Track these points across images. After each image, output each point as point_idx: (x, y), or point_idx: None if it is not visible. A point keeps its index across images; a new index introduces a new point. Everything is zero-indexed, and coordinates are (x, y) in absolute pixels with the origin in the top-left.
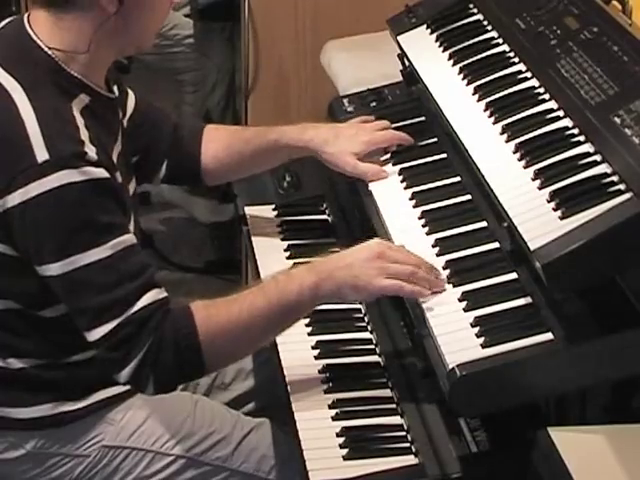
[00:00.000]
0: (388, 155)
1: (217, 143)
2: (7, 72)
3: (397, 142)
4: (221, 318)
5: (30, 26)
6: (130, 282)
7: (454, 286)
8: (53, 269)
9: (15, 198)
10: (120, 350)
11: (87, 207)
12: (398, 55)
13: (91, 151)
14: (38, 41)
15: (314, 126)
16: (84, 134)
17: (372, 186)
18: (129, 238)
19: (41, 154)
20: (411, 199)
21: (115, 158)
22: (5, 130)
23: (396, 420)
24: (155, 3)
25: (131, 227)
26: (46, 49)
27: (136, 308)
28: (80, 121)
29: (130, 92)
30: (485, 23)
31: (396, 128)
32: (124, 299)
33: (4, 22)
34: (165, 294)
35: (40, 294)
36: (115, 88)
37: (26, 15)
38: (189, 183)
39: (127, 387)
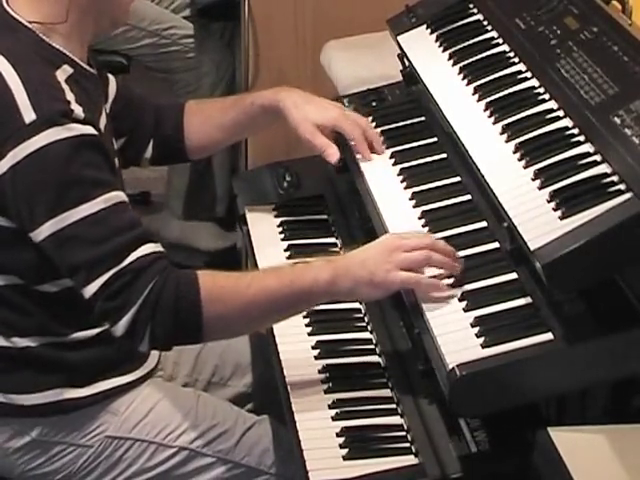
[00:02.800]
0: (389, 155)
1: (198, 116)
2: None
3: (358, 149)
4: (228, 286)
5: (8, 4)
6: (122, 235)
7: (454, 286)
8: (45, 229)
9: (6, 163)
10: (116, 300)
11: (75, 163)
12: (398, 55)
13: (77, 109)
14: (17, 17)
15: (288, 89)
16: (70, 96)
17: (372, 186)
18: (119, 195)
19: (28, 115)
20: (411, 199)
21: (102, 128)
22: None
23: (396, 420)
24: None
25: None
26: (26, 23)
27: (131, 259)
28: (65, 86)
29: (111, 77)
30: (485, 23)
31: (396, 128)
32: (117, 251)
33: None
34: (161, 248)
35: (38, 268)
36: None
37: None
38: (175, 160)
39: (132, 378)
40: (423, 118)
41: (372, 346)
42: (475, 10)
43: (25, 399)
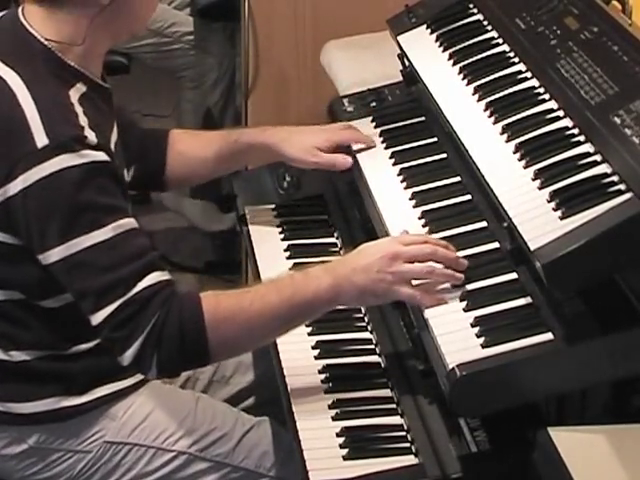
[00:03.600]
0: (389, 155)
1: (182, 148)
2: (5, 64)
3: (357, 141)
4: (230, 307)
5: (25, 18)
6: (131, 263)
7: (454, 286)
8: (55, 253)
9: (17, 185)
10: (123, 330)
11: (88, 189)
12: (398, 55)
13: (90, 135)
14: (34, 32)
15: (273, 128)
16: (83, 120)
17: (372, 186)
18: (130, 221)
19: (40, 140)
20: (411, 199)
21: (113, 146)
22: (5, 120)
23: (396, 420)
24: None
25: (130, 209)
26: (42, 40)
27: (138, 288)
28: (79, 108)
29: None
30: (485, 23)
31: (396, 128)
32: (126, 280)
33: None
34: (169, 277)
35: (42, 284)
36: None
37: (20, 8)
38: (153, 189)
39: (129, 383)
40: (423, 118)
41: (372, 346)
42: (475, 10)
43: (22, 407)
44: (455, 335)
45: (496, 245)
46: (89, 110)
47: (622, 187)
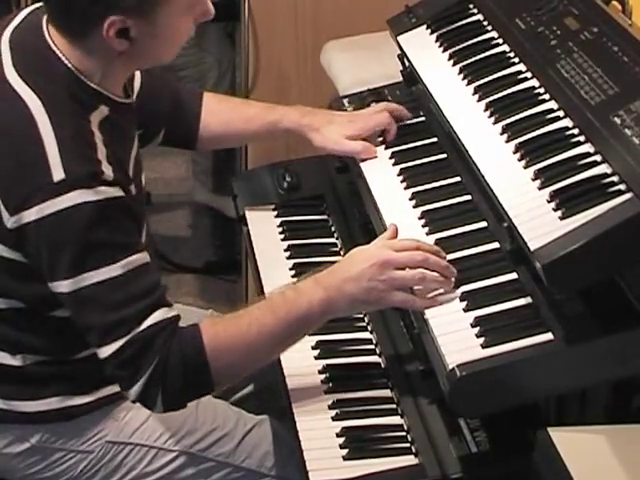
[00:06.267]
0: (389, 155)
1: (218, 117)
2: (25, 83)
3: (390, 124)
4: (230, 335)
5: (50, 35)
6: (138, 301)
7: (454, 286)
8: (64, 286)
9: (31, 215)
10: (127, 368)
11: (100, 226)
12: (398, 55)
13: (107, 169)
14: (58, 52)
15: (311, 111)
16: (102, 152)
17: (372, 186)
18: (141, 257)
19: (57, 173)
20: (411, 199)
21: (132, 165)
22: (24, 148)
23: (396, 420)
24: (169, 34)
25: (143, 237)
26: (65, 61)
27: (143, 327)
28: (99, 137)
29: (136, 72)
30: (485, 23)
31: (396, 128)
32: (132, 318)
33: (22, 15)
34: (174, 313)
35: (50, 299)
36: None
37: (44, 21)
38: (182, 147)
39: None
40: (423, 118)
41: (372, 346)
42: (475, 10)
43: (26, 406)
44: (455, 335)
45: (496, 245)
46: (109, 136)
47: (622, 187)
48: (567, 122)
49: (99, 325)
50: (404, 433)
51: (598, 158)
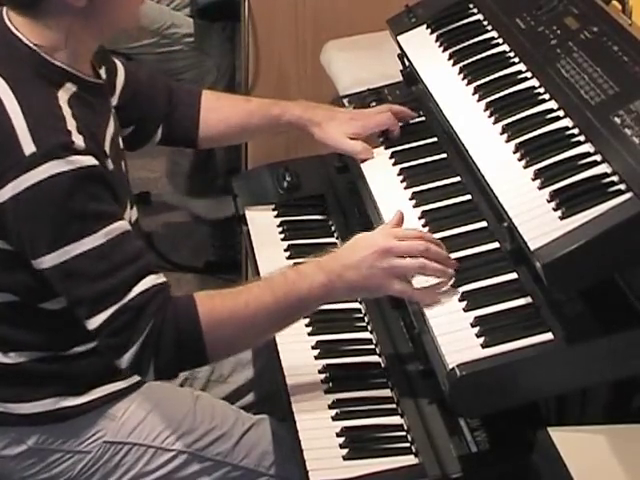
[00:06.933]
0: (389, 155)
1: (218, 113)
2: None
3: (393, 125)
4: (225, 308)
5: (10, 21)
6: (124, 269)
7: (454, 286)
8: (47, 261)
9: (7, 192)
10: (120, 336)
11: (77, 196)
12: (398, 55)
13: (78, 140)
14: (19, 34)
15: (313, 106)
16: (71, 124)
17: (372, 186)
18: (122, 225)
19: (28, 147)
20: (411, 199)
21: (108, 144)
22: None
23: (396, 420)
24: None
25: (127, 215)
26: (28, 43)
27: (133, 294)
28: (67, 111)
29: (119, 66)
30: (485, 23)
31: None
32: (119, 286)
33: None
34: (163, 279)
35: (39, 287)
36: (103, 71)
37: (5, 10)
38: (183, 146)
39: (128, 383)
40: (423, 118)
41: (372, 346)
42: (475, 10)
43: (21, 408)
44: (455, 335)
45: (496, 245)
46: (79, 110)
47: (622, 187)
48: (567, 122)
49: (87, 296)
50: (404, 433)
51: (598, 158)
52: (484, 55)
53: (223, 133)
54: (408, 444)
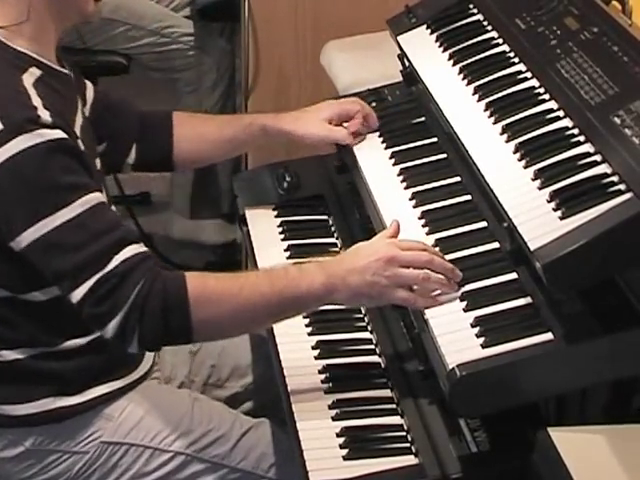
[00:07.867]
0: (389, 155)
1: (190, 130)
2: None
3: (364, 111)
4: (218, 289)
5: None
6: (103, 238)
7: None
8: (25, 237)
9: None
10: (103, 306)
11: (48, 169)
12: (398, 55)
13: (44, 114)
14: None
15: (282, 113)
16: (36, 100)
17: (372, 186)
18: (96, 196)
19: None
20: (411, 199)
21: (78, 129)
22: None
23: (396, 420)
24: None
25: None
26: None
27: (115, 263)
28: (32, 90)
29: (88, 84)
30: (485, 23)
31: (396, 128)
32: (100, 255)
33: None
34: (145, 249)
35: (24, 276)
36: (74, 78)
37: None
38: (159, 169)
39: (124, 383)
40: (423, 118)
41: (372, 346)
42: (475, 10)
43: (17, 409)
44: (455, 335)
45: (496, 245)
46: (44, 92)
47: (622, 187)
48: (567, 122)
49: (68, 268)
50: (404, 433)
51: (598, 158)
52: (484, 55)
53: (198, 150)
54: (408, 444)
